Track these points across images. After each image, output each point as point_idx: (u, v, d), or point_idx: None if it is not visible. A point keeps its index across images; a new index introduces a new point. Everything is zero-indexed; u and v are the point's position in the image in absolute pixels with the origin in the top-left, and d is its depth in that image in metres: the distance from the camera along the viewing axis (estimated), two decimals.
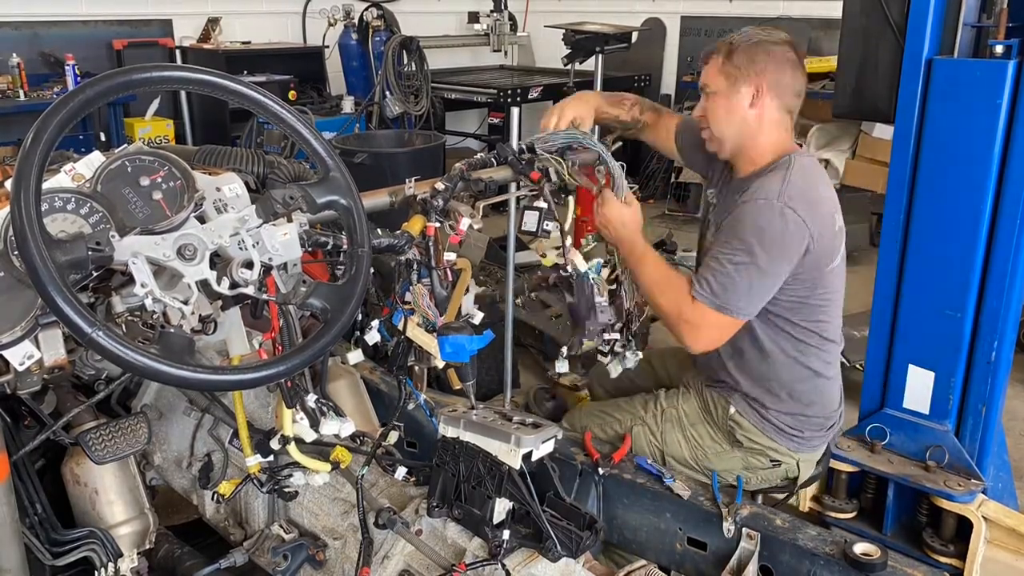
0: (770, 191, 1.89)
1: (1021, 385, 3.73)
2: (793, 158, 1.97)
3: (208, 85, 1.30)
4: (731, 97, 1.99)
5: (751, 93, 1.97)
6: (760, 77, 1.96)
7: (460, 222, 1.76)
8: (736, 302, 1.89)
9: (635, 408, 2.24)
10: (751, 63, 1.96)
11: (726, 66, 1.98)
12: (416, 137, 5.75)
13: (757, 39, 1.98)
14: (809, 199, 1.91)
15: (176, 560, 1.84)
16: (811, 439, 2.13)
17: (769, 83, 1.96)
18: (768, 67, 1.96)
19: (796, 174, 1.92)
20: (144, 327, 1.28)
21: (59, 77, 5.38)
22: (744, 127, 2.00)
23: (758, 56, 1.96)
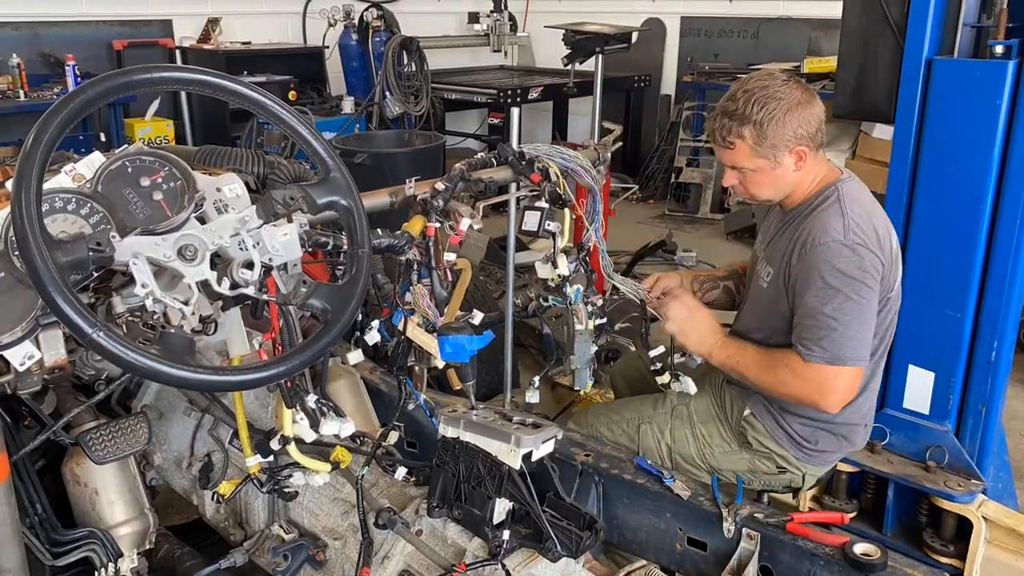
0: (834, 230, 1.84)
1: (1021, 385, 3.73)
2: (839, 187, 1.92)
3: (208, 86, 1.30)
4: (776, 170, 1.93)
5: (795, 160, 1.91)
6: (797, 141, 1.89)
7: (460, 222, 1.76)
8: (849, 351, 1.84)
9: (643, 407, 2.24)
10: (783, 135, 1.87)
11: (760, 148, 1.89)
12: (416, 137, 5.75)
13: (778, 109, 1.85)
14: (871, 229, 1.87)
15: (176, 560, 1.84)
16: (824, 454, 2.09)
17: (806, 143, 1.89)
18: (800, 129, 1.88)
19: (850, 206, 1.88)
20: (144, 327, 1.28)
21: (59, 77, 5.38)
22: (793, 184, 1.96)
23: (789, 122, 1.86)
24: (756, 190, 1.98)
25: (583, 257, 2.09)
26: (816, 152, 1.93)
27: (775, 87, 1.88)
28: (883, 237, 1.90)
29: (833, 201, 1.90)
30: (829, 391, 1.87)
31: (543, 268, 2.07)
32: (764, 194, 2.00)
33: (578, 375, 2.18)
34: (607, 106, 4.04)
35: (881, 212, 1.97)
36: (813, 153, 1.92)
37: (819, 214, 1.90)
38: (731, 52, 6.86)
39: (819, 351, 1.85)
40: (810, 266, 1.86)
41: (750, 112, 1.87)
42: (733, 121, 1.89)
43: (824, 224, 1.87)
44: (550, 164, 1.98)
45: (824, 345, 1.84)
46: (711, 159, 6.65)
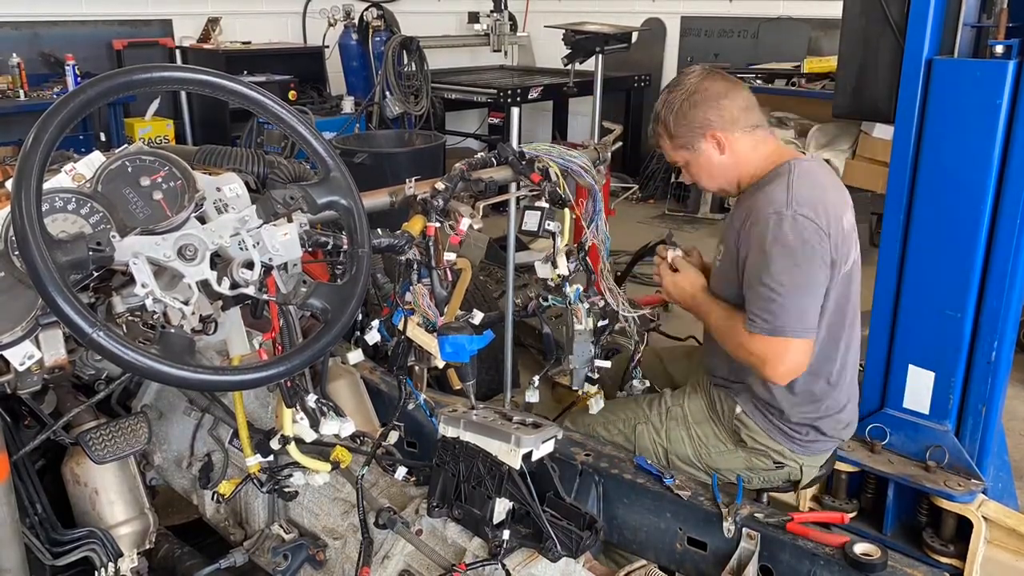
0: (777, 202, 1.87)
1: (1021, 385, 3.73)
2: (792, 164, 1.95)
3: (208, 85, 1.30)
4: (700, 159, 2.01)
5: (712, 145, 1.98)
6: (706, 128, 1.97)
7: (460, 222, 1.76)
8: (791, 322, 1.85)
9: (640, 407, 2.24)
10: (690, 125, 1.97)
11: (675, 141, 2.01)
12: (416, 137, 5.74)
13: (676, 100, 1.98)
14: (816, 201, 1.88)
15: (176, 560, 1.84)
16: (817, 443, 2.10)
17: (717, 126, 1.96)
18: (706, 114, 1.96)
19: (797, 180, 1.90)
20: (144, 327, 1.29)
21: (59, 77, 5.38)
22: (729, 169, 2.02)
23: (690, 115, 1.96)
24: (699, 180, 2.08)
25: (582, 257, 2.09)
26: (748, 132, 1.98)
27: (683, 81, 2.00)
28: (832, 213, 1.90)
29: (782, 176, 1.93)
30: (772, 361, 1.89)
31: (543, 268, 2.07)
32: (707, 183, 2.09)
33: (576, 375, 2.18)
34: (607, 106, 4.04)
35: (837, 191, 2.00)
36: (735, 135, 1.97)
37: (766, 190, 1.93)
38: (731, 52, 6.86)
39: (760, 322, 1.87)
40: (752, 238, 1.90)
41: (659, 110, 2.02)
42: (654, 122, 2.06)
43: (768, 196, 1.90)
44: (550, 164, 1.98)
45: (765, 317, 1.86)
46: None
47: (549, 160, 1.99)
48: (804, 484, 2.18)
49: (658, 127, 2.04)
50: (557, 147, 2.05)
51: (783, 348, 1.87)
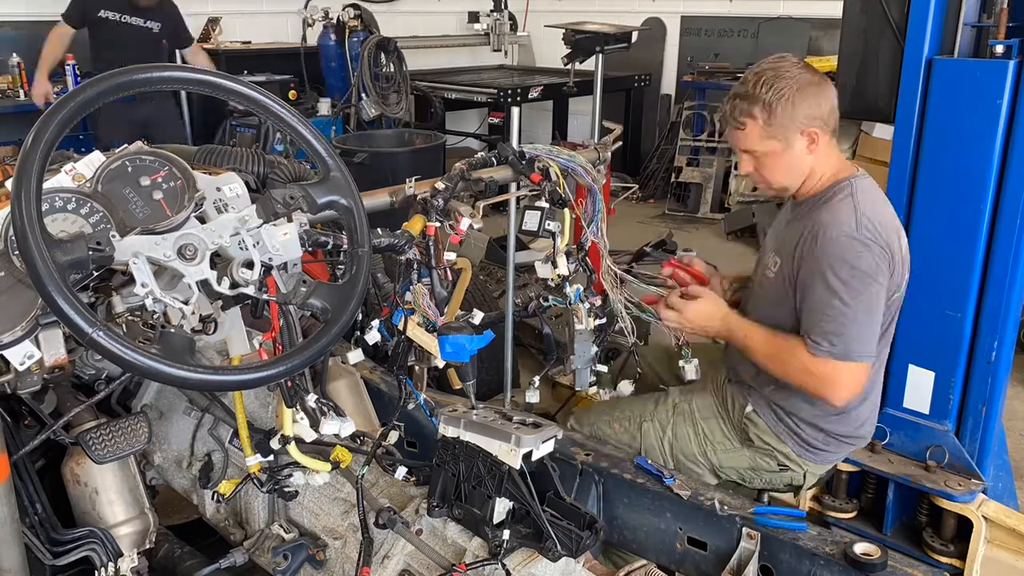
0: (846, 224, 1.84)
1: (1021, 385, 3.73)
2: (853, 182, 1.92)
3: (208, 85, 1.30)
4: (786, 153, 1.91)
5: (807, 142, 1.91)
6: (809, 122, 1.88)
7: (460, 222, 1.76)
8: (856, 346, 1.84)
9: (645, 405, 2.23)
10: (795, 117, 1.87)
11: (771, 128, 1.89)
12: (416, 137, 5.74)
13: (788, 88, 1.85)
14: (883, 225, 1.86)
15: (176, 560, 1.84)
16: (826, 452, 2.09)
17: (818, 124, 1.89)
18: (811, 109, 1.87)
19: (863, 202, 1.87)
20: (144, 327, 1.28)
21: (59, 77, 5.37)
22: (805, 169, 1.95)
23: (798, 106, 1.86)
24: (770, 175, 1.97)
25: (582, 257, 2.09)
26: (830, 138, 1.93)
27: (785, 68, 1.88)
28: (893, 236, 1.89)
29: (847, 195, 1.90)
30: (836, 385, 1.87)
31: (543, 268, 2.07)
32: (778, 180, 1.98)
33: (578, 375, 2.18)
34: (607, 106, 4.05)
35: (892, 212, 1.97)
36: (826, 138, 1.91)
37: (830, 206, 1.90)
38: (731, 52, 6.86)
39: (827, 346, 1.84)
40: (819, 259, 1.85)
41: (760, 92, 1.87)
42: (744, 101, 1.89)
43: (835, 217, 1.86)
44: (550, 164, 1.98)
45: (832, 340, 1.84)
46: (711, 159, 6.65)
47: (549, 160, 1.99)
48: (807, 488, 2.18)
49: (755, 108, 1.88)
50: (557, 147, 2.05)
51: (848, 372, 1.86)
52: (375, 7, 7.07)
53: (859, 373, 1.88)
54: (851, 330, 1.83)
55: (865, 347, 1.86)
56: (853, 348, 1.84)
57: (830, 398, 1.90)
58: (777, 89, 1.86)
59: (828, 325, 1.84)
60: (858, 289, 1.82)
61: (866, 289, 1.83)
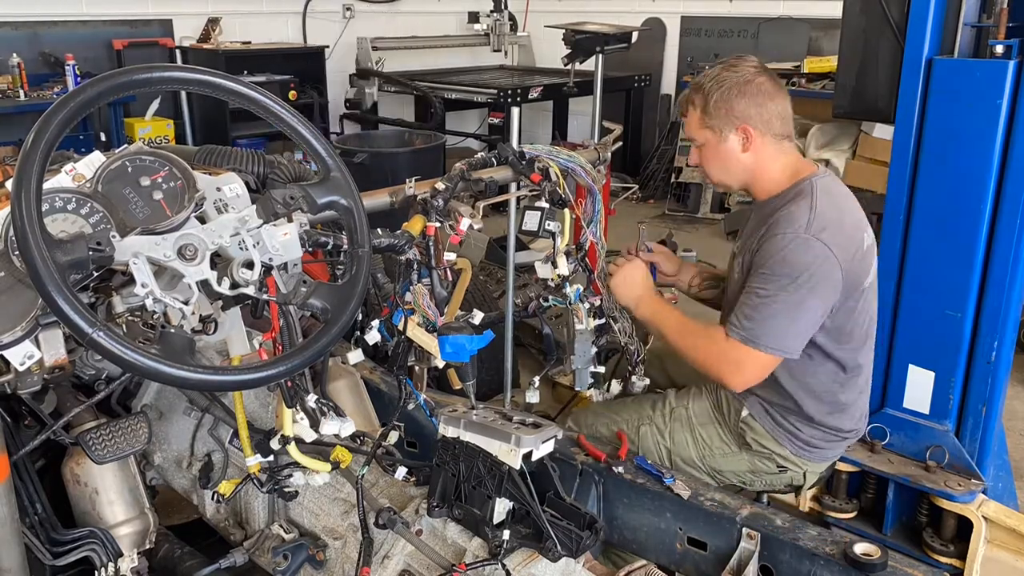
0: (797, 222, 1.86)
1: (1021, 385, 3.73)
2: (814, 182, 1.93)
3: (208, 85, 1.30)
4: (720, 146, 1.97)
5: (740, 139, 1.95)
6: (743, 121, 1.93)
7: (460, 222, 1.76)
8: (772, 339, 1.86)
9: (643, 408, 2.23)
10: (730, 110, 1.93)
11: (706, 118, 1.96)
12: (416, 137, 5.75)
13: (729, 82, 1.92)
14: (836, 225, 1.88)
15: (176, 560, 1.84)
16: (824, 450, 2.10)
17: (754, 123, 1.93)
18: (749, 108, 1.92)
19: (821, 200, 1.89)
20: (145, 327, 1.28)
21: (59, 77, 5.38)
22: (744, 169, 1.99)
23: (734, 101, 1.92)
24: (707, 167, 2.03)
25: (581, 257, 2.09)
26: (777, 141, 1.96)
27: (739, 66, 1.95)
28: (850, 233, 1.91)
29: (806, 195, 1.92)
30: (735, 368, 1.91)
31: (543, 268, 2.07)
32: (715, 173, 2.03)
33: (578, 375, 2.18)
34: (607, 106, 4.05)
35: (854, 207, 1.99)
36: (765, 139, 1.94)
37: (788, 207, 1.92)
38: (731, 52, 6.77)
39: (738, 329, 1.88)
40: (765, 251, 1.89)
41: (705, 83, 1.96)
42: (692, 90, 2.00)
43: (790, 215, 1.89)
44: (550, 164, 1.98)
45: (745, 324, 1.87)
46: None
47: (549, 160, 1.99)
48: (808, 487, 2.18)
49: (696, 96, 1.97)
50: (557, 147, 2.05)
51: (752, 359, 1.89)
52: (375, 7, 7.08)
53: (764, 363, 1.90)
54: (766, 320, 1.86)
55: (777, 341, 1.87)
56: (762, 337, 1.86)
57: (727, 379, 1.94)
58: (719, 81, 1.93)
59: (746, 309, 1.88)
60: (783, 284, 1.84)
61: (793, 286, 1.84)
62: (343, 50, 6.77)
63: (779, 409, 2.06)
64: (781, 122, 1.96)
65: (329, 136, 6.32)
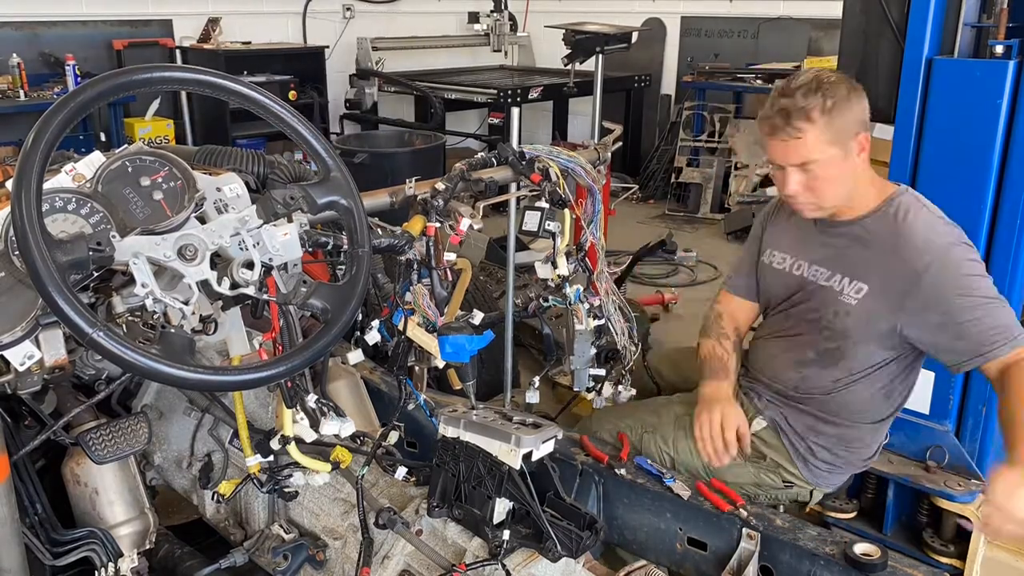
0: (945, 234, 1.84)
1: None
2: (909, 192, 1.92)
3: (208, 85, 1.30)
4: (846, 160, 1.83)
5: (859, 147, 1.85)
6: (862, 128, 1.84)
7: (460, 222, 1.76)
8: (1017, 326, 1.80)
9: (646, 415, 2.20)
10: (851, 118, 1.80)
11: (830, 132, 1.79)
12: (416, 137, 5.74)
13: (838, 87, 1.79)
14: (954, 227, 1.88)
15: (176, 560, 1.84)
16: (835, 474, 2.08)
17: (866, 125, 1.85)
18: (862, 112, 1.83)
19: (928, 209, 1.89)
20: (145, 327, 1.28)
21: (59, 77, 5.37)
22: (853, 179, 1.89)
23: (853, 105, 1.80)
24: (825, 188, 1.85)
25: (581, 257, 2.09)
26: None
27: (825, 77, 1.82)
28: None
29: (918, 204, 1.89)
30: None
31: (543, 268, 2.07)
32: (832, 194, 1.87)
33: (577, 375, 2.17)
34: (607, 106, 4.05)
35: None
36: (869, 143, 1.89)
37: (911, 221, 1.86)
38: (731, 52, 6.86)
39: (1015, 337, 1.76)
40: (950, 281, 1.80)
41: (814, 99, 1.77)
42: (798, 108, 1.78)
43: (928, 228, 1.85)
44: (550, 164, 1.98)
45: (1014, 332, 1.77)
46: (711, 159, 6.65)
47: (549, 160, 1.99)
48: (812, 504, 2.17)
49: (812, 113, 1.77)
50: (557, 148, 2.05)
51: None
52: (375, 7, 7.08)
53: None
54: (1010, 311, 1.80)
55: None
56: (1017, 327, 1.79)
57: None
58: (832, 93, 1.77)
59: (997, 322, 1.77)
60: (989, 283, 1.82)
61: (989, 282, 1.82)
62: (343, 50, 6.77)
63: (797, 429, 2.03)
64: None
65: (329, 136, 6.32)
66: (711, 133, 6.68)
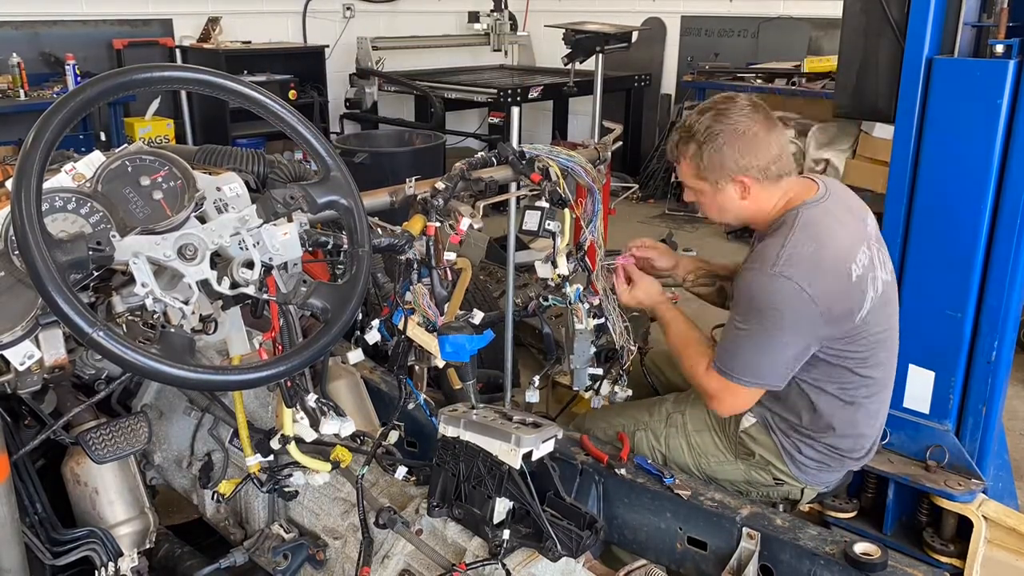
0: (766, 257, 1.82)
1: (1021, 385, 3.73)
2: (800, 212, 1.87)
3: (208, 85, 1.30)
4: (717, 196, 1.93)
5: (737, 190, 1.90)
6: (740, 172, 1.87)
7: (460, 222, 1.76)
8: (747, 372, 1.87)
9: (639, 414, 2.22)
10: (722, 165, 1.86)
11: (701, 170, 1.90)
12: (416, 137, 5.74)
13: (722, 136, 1.84)
14: (810, 260, 1.80)
15: (176, 560, 1.84)
16: (824, 472, 2.07)
17: (752, 174, 1.87)
18: (743, 160, 1.85)
19: (800, 233, 1.82)
20: (145, 327, 1.29)
21: (59, 77, 5.38)
22: (743, 212, 1.95)
23: (728, 154, 1.84)
24: (707, 211, 2.01)
25: (581, 257, 2.09)
26: (775, 182, 1.89)
27: (730, 112, 1.86)
28: (830, 267, 1.82)
29: (785, 228, 1.86)
30: (716, 397, 1.95)
31: (543, 268, 2.06)
32: (714, 215, 2.01)
33: (577, 375, 2.17)
34: (607, 105, 4.06)
35: (843, 236, 1.87)
36: (764, 184, 1.88)
37: (767, 238, 1.91)
38: (731, 52, 6.86)
39: (718, 360, 1.92)
40: (736, 285, 1.92)
41: (696, 131, 1.88)
42: (682, 138, 1.92)
43: (762, 250, 1.88)
44: (550, 164, 1.98)
45: (722, 356, 1.91)
46: None
47: (549, 160, 1.99)
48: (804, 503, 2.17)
49: (687, 148, 1.90)
50: (557, 147, 2.05)
51: (730, 391, 1.92)
52: (375, 7, 7.08)
53: (743, 392, 1.92)
54: (741, 353, 1.88)
55: (752, 374, 1.88)
56: (737, 369, 1.88)
57: (709, 405, 2.00)
58: (712, 133, 1.85)
59: (725, 342, 1.92)
60: (753, 320, 1.84)
61: (763, 323, 1.82)
62: (343, 50, 6.77)
63: (783, 424, 2.03)
64: (778, 165, 1.88)
65: (329, 136, 6.32)
66: None
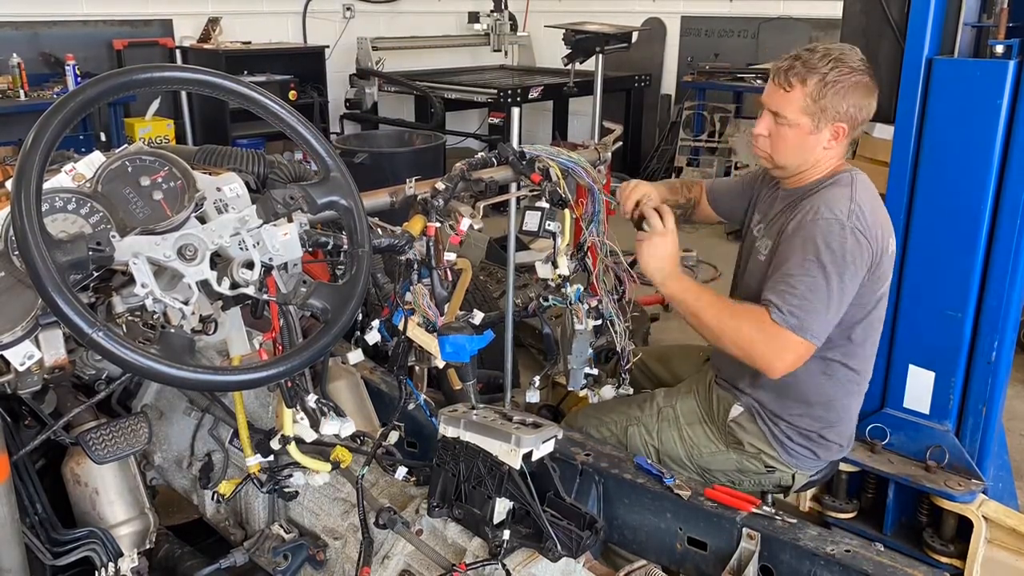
0: (838, 209, 1.84)
1: (1021, 385, 3.73)
2: (855, 175, 1.93)
3: (208, 85, 1.30)
4: (809, 136, 1.90)
5: (832, 135, 1.90)
6: (846, 118, 1.88)
7: (460, 222, 1.76)
8: (815, 325, 1.83)
9: (630, 409, 2.23)
10: (839, 105, 1.86)
11: (812, 103, 1.87)
12: (416, 137, 5.74)
13: (847, 80, 1.85)
14: (874, 221, 1.87)
15: (176, 560, 1.84)
16: (813, 458, 2.09)
17: (853, 123, 1.89)
18: (853, 108, 1.87)
19: (861, 193, 1.88)
20: (145, 327, 1.28)
21: (59, 77, 5.38)
22: (811, 160, 1.95)
23: (849, 96, 1.86)
24: (781, 147, 1.94)
25: (581, 257, 2.09)
26: (851, 140, 1.94)
27: (855, 59, 1.88)
28: (883, 234, 1.90)
29: (845, 184, 1.91)
30: (781, 356, 1.86)
31: (543, 268, 2.07)
32: (784, 156, 1.95)
33: (573, 375, 2.17)
34: (607, 106, 4.06)
35: (886, 212, 1.97)
36: (848, 137, 1.92)
37: (826, 192, 1.91)
38: (731, 52, 6.87)
39: (788, 316, 1.83)
40: (804, 235, 1.86)
41: (822, 67, 1.85)
42: (804, 68, 1.86)
43: (830, 200, 1.88)
44: (550, 164, 1.98)
45: (794, 311, 1.82)
46: (711, 159, 6.66)
47: (549, 160, 1.99)
48: (795, 489, 2.18)
49: (810, 79, 1.85)
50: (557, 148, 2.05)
51: (796, 347, 1.84)
52: (375, 7, 7.08)
53: (804, 351, 1.86)
54: (814, 308, 1.82)
55: (820, 328, 1.84)
56: (811, 325, 1.82)
57: (772, 366, 1.87)
58: (839, 72, 1.84)
59: (795, 298, 1.83)
60: (830, 272, 1.82)
61: (839, 275, 1.82)
62: (343, 50, 6.77)
63: (773, 412, 2.05)
64: (864, 124, 1.93)
65: (329, 136, 6.32)
66: (711, 133, 6.68)
